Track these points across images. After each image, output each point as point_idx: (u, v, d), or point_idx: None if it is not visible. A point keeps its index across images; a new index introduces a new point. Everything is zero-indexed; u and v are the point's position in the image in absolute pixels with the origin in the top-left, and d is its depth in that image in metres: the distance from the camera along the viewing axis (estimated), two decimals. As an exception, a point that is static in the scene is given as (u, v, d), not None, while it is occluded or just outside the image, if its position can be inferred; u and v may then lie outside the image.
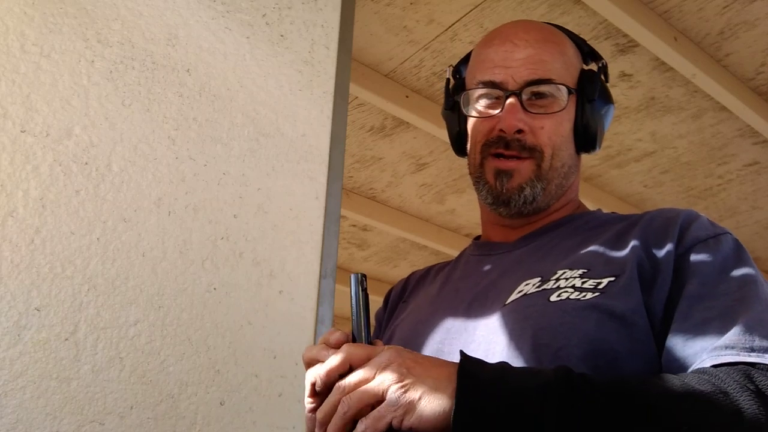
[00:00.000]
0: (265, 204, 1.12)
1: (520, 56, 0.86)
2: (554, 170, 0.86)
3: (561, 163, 0.87)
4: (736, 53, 2.15)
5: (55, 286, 0.88)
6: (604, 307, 0.72)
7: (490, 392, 0.59)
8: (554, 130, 0.85)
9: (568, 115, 0.87)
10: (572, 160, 0.89)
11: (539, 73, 0.85)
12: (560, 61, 0.87)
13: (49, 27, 0.97)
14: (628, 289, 0.73)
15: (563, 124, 0.86)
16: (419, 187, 2.87)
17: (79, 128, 0.96)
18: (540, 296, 0.77)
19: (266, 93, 1.18)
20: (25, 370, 0.83)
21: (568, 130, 0.87)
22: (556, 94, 0.85)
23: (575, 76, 0.88)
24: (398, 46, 2.12)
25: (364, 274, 0.70)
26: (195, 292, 1.00)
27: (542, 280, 0.79)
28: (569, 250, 0.83)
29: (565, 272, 0.79)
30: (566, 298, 0.75)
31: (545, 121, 0.85)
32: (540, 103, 0.85)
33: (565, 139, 0.87)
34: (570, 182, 0.90)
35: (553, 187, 0.87)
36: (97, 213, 0.94)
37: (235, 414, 1.00)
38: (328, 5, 1.32)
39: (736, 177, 2.77)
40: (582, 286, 0.76)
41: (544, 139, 0.85)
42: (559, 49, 0.88)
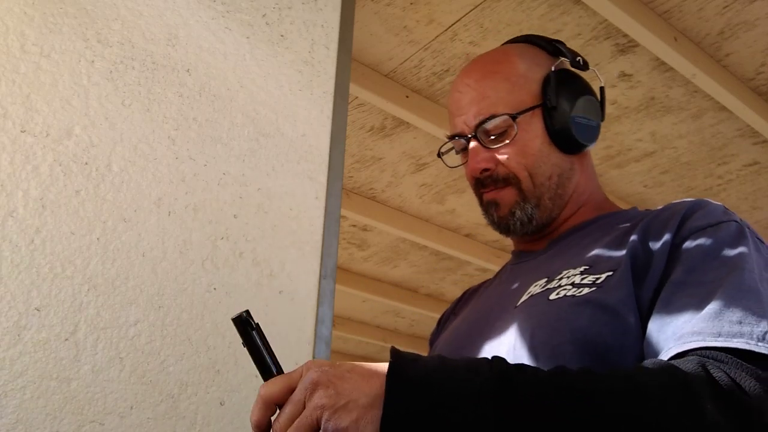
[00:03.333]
0: (265, 204, 1.12)
1: (466, 101, 0.92)
2: (540, 186, 0.90)
3: (545, 177, 0.90)
4: (736, 53, 2.15)
5: (55, 286, 0.88)
6: (598, 302, 0.73)
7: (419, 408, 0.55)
8: (520, 154, 0.89)
9: (533, 132, 0.90)
10: (561, 167, 0.91)
11: (483, 112, 0.90)
12: (505, 89, 0.90)
13: (49, 27, 0.97)
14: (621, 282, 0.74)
15: (529, 143, 0.89)
16: (419, 187, 2.87)
17: (79, 128, 0.96)
18: (542, 296, 0.79)
19: (266, 93, 1.18)
20: (25, 370, 0.83)
21: (538, 146, 0.90)
22: (504, 124, 0.89)
23: (534, 89, 0.91)
24: (398, 46, 2.12)
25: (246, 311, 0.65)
26: (195, 292, 1.00)
27: (547, 281, 0.82)
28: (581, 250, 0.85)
29: (568, 271, 0.81)
30: (563, 296, 0.76)
31: (506, 150, 0.89)
32: (497, 137, 0.90)
33: (536, 156, 0.89)
34: (570, 188, 0.92)
35: (547, 201, 0.90)
36: (97, 213, 0.94)
37: (235, 414, 1.00)
38: (328, 5, 1.32)
39: (736, 177, 2.77)
40: (581, 282, 0.77)
41: (513, 165, 0.89)
42: (503, 77, 0.91)
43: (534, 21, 2.00)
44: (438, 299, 3.91)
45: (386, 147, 2.60)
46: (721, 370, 0.59)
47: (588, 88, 0.95)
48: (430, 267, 3.56)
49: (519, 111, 0.89)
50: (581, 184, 0.94)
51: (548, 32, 2.04)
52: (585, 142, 0.91)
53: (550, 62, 0.94)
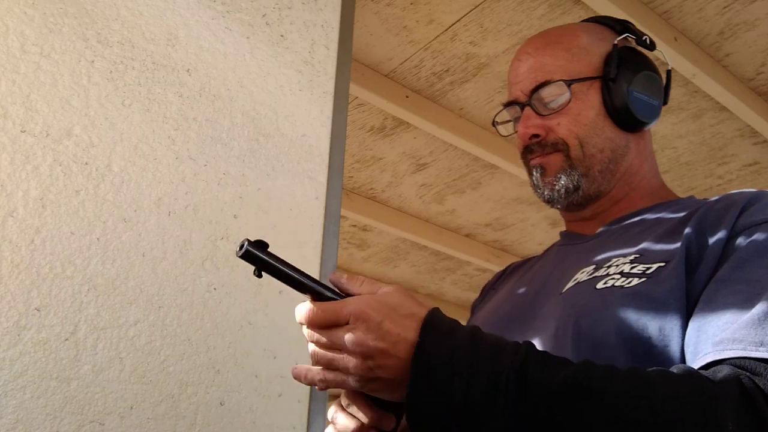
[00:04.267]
0: (265, 204, 1.12)
1: (524, 69, 0.91)
2: (590, 157, 0.87)
3: (596, 149, 0.87)
4: (736, 53, 2.15)
5: (55, 286, 0.88)
6: (646, 294, 0.70)
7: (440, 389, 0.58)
8: (573, 122, 0.87)
9: (588, 102, 0.88)
10: (616, 142, 0.89)
11: (539, 78, 0.89)
12: (564, 58, 0.89)
13: (49, 27, 0.97)
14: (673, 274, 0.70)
15: (582, 113, 0.87)
16: (419, 187, 2.87)
17: (79, 128, 0.96)
18: (588, 284, 0.77)
19: (266, 93, 1.18)
20: (25, 370, 0.83)
21: (593, 117, 0.88)
22: (559, 91, 0.88)
23: (595, 62, 0.90)
24: (398, 46, 2.12)
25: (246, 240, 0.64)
26: (195, 292, 1.00)
27: (595, 268, 0.79)
28: (632, 237, 0.82)
29: (618, 259, 0.78)
30: (611, 286, 0.74)
31: (560, 118, 0.88)
32: (551, 104, 0.88)
33: (590, 126, 0.87)
34: (623, 165, 0.89)
35: (596, 173, 0.88)
36: (97, 213, 0.94)
37: (235, 414, 1.00)
38: (328, 5, 1.32)
39: (736, 177, 2.77)
40: (630, 271, 0.74)
41: (564, 132, 0.88)
42: (564, 47, 0.90)
43: (534, 21, 2.00)
44: (438, 299, 3.91)
45: (386, 147, 2.60)
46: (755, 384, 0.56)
47: (651, 66, 0.92)
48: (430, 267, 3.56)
49: (575, 79, 0.88)
50: (635, 164, 0.91)
51: (548, 32, 2.04)
52: (643, 119, 0.89)
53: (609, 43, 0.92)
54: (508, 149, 2.50)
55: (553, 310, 0.78)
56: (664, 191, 0.92)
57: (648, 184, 0.92)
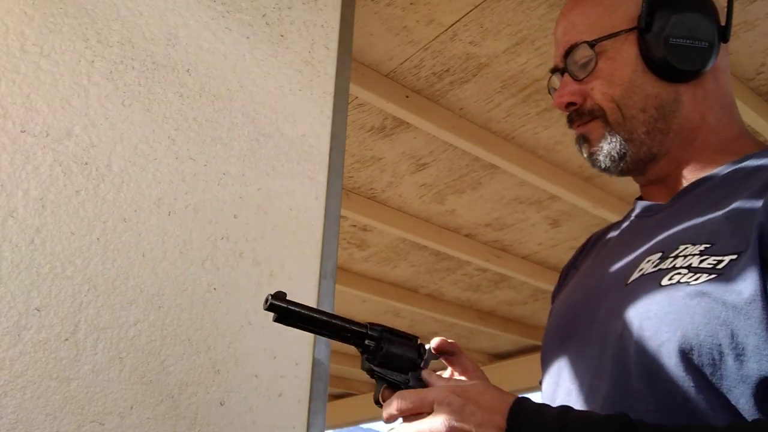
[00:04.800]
0: (265, 204, 1.12)
1: (560, 33, 0.88)
2: (631, 119, 0.82)
3: (637, 109, 0.81)
4: (736, 53, 2.15)
5: (55, 286, 0.88)
6: (716, 295, 0.63)
7: None
8: (607, 84, 0.83)
9: (621, 60, 0.82)
10: (660, 99, 0.81)
11: (570, 41, 0.85)
12: (595, 14, 0.84)
13: (49, 27, 0.97)
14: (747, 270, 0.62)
15: (617, 72, 0.82)
16: (419, 187, 2.87)
17: (79, 128, 0.96)
18: (653, 278, 0.71)
19: (266, 93, 1.18)
20: (25, 370, 0.83)
21: (629, 75, 0.82)
22: (587, 53, 0.83)
23: (631, 12, 0.83)
24: (398, 46, 2.12)
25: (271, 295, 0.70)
26: (195, 292, 1.00)
27: (662, 257, 0.73)
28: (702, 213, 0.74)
29: (687, 248, 0.70)
30: (677, 282, 0.67)
31: (593, 82, 0.84)
32: (585, 67, 0.84)
33: (628, 84, 0.82)
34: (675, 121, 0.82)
35: (641, 135, 0.82)
36: (97, 213, 0.94)
37: (235, 414, 1.00)
38: (328, 5, 1.32)
39: (736, 177, 2.76)
40: (699, 265, 0.67)
41: (598, 97, 0.83)
42: (596, 2, 0.85)
43: (534, 21, 2.00)
44: (438, 299, 3.91)
45: (386, 147, 2.60)
46: None
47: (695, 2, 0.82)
48: (430, 267, 3.56)
49: (601, 37, 0.82)
50: (693, 118, 0.82)
51: (548, 32, 2.04)
52: (686, 67, 0.80)
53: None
54: (508, 149, 2.50)
55: (618, 305, 0.73)
56: (740, 143, 0.82)
57: (718, 138, 0.82)
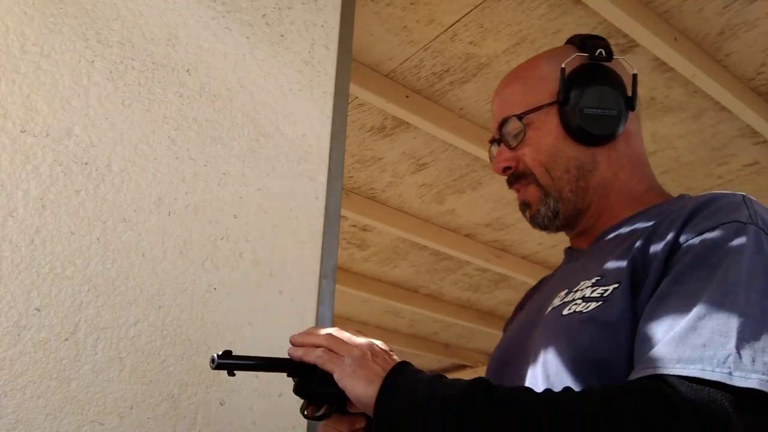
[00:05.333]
0: (265, 204, 1.12)
1: (495, 109, 1.00)
2: (558, 180, 0.92)
3: (562, 170, 0.92)
4: (736, 53, 2.15)
5: (55, 286, 0.88)
6: (599, 318, 0.74)
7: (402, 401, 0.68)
8: (535, 150, 0.93)
9: (545, 129, 0.93)
10: (579, 160, 0.92)
11: (501, 115, 0.97)
12: (522, 92, 0.96)
13: (49, 27, 0.97)
14: (623, 295, 0.74)
15: (542, 140, 0.93)
16: (419, 187, 2.87)
17: (79, 128, 0.96)
18: (557, 311, 0.82)
19: (266, 93, 1.18)
20: (25, 370, 0.83)
21: (551, 142, 0.92)
22: (517, 125, 0.94)
23: (552, 88, 0.94)
24: (398, 46, 2.12)
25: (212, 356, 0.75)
26: (195, 292, 1.00)
27: (567, 293, 0.84)
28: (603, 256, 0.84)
29: (584, 282, 0.82)
30: (572, 312, 0.78)
31: (524, 149, 0.94)
32: (517, 137, 0.95)
33: (551, 151, 0.92)
34: (593, 180, 0.92)
35: (568, 194, 0.92)
36: (97, 213, 0.94)
37: (235, 414, 1.00)
38: (328, 5, 1.32)
39: (736, 177, 2.76)
40: (590, 295, 0.78)
41: (529, 162, 0.94)
42: (523, 81, 0.97)
43: (534, 21, 2.00)
44: (438, 299, 3.91)
45: (386, 147, 2.60)
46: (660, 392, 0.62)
47: (604, 77, 0.94)
48: (430, 267, 3.56)
49: (527, 111, 0.94)
50: (608, 176, 0.92)
51: (548, 32, 2.04)
52: (599, 132, 0.91)
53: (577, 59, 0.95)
54: (508, 149, 2.50)
55: (537, 336, 0.84)
56: (649, 196, 0.92)
57: (629, 192, 0.93)
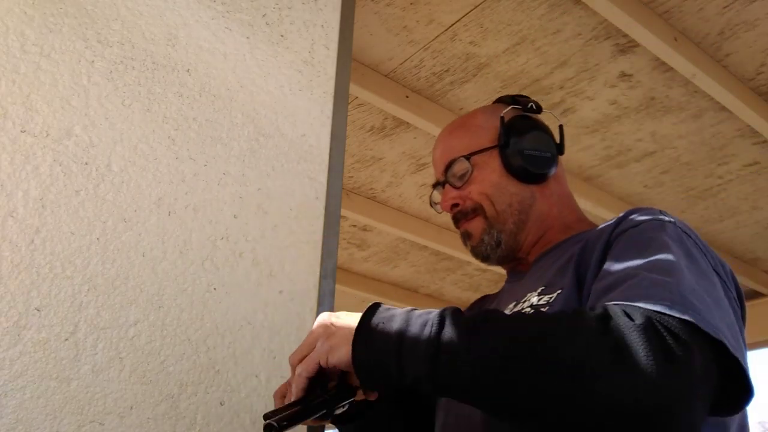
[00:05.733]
0: (265, 204, 1.12)
1: (438, 155, 1.10)
2: (502, 213, 1.03)
3: (505, 204, 1.03)
4: (736, 53, 2.15)
5: (55, 286, 0.88)
6: None
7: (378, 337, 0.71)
8: (481, 187, 1.04)
9: (489, 168, 1.04)
10: (520, 196, 1.03)
11: (447, 158, 1.07)
12: (466, 137, 1.07)
13: (49, 27, 0.97)
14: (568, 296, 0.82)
15: (487, 177, 1.04)
16: (419, 187, 2.87)
17: (79, 128, 0.96)
18: None
19: (266, 93, 1.18)
20: (25, 370, 0.83)
21: (496, 179, 1.03)
22: (464, 166, 1.05)
23: (492, 135, 1.06)
24: (398, 46, 2.12)
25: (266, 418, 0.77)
26: (195, 292, 1.00)
27: (515, 304, 0.93)
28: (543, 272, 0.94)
29: (531, 294, 0.90)
30: None
31: (470, 187, 1.05)
32: (463, 178, 1.05)
33: (495, 187, 1.03)
34: (535, 212, 1.03)
35: (511, 225, 1.03)
36: (97, 213, 0.94)
37: (235, 414, 1.00)
38: (328, 5, 1.32)
39: (736, 177, 2.77)
40: (537, 303, 0.87)
41: (476, 196, 1.04)
42: (465, 129, 1.09)
43: (534, 21, 2.00)
44: (438, 299, 3.91)
45: (386, 147, 2.60)
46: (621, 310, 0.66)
47: (539, 125, 1.08)
48: (430, 267, 3.56)
49: (473, 152, 1.05)
50: (544, 210, 1.04)
51: (548, 32, 2.04)
52: (537, 171, 1.03)
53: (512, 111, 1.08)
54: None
55: None
56: (580, 224, 1.04)
57: (562, 222, 1.04)
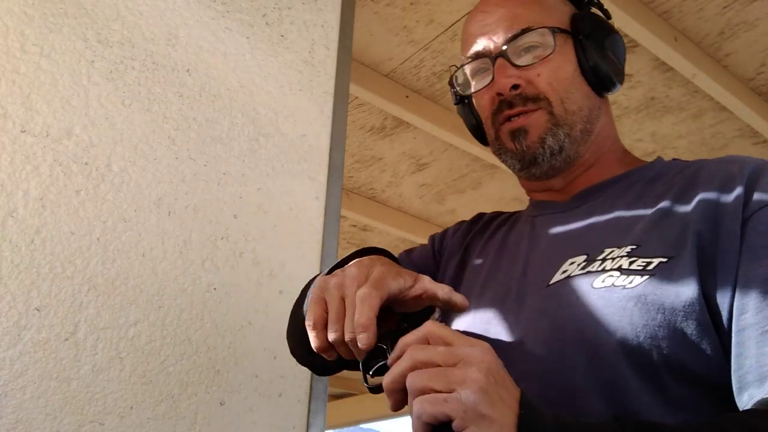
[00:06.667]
0: (265, 204, 1.12)
1: (494, 19, 0.84)
2: (572, 114, 0.81)
3: (577, 106, 0.81)
4: (736, 53, 2.15)
5: (55, 286, 0.88)
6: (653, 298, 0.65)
7: None
8: (553, 75, 0.81)
9: (566, 57, 0.82)
10: (591, 102, 0.83)
11: (515, 26, 0.82)
12: (537, 10, 0.83)
13: (49, 27, 0.97)
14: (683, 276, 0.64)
15: (562, 66, 0.81)
16: (419, 187, 2.87)
17: (79, 128, 0.96)
18: (584, 281, 0.71)
19: (266, 93, 1.18)
20: (25, 370, 0.83)
21: (571, 72, 0.82)
22: (541, 40, 0.81)
23: (564, 19, 0.84)
24: (398, 46, 2.12)
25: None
26: (195, 292, 1.00)
27: (587, 260, 0.73)
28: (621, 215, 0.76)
29: (613, 251, 0.71)
30: (611, 285, 0.68)
31: (539, 69, 0.81)
32: (530, 54, 0.81)
33: (569, 81, 0.81)
34: (598, 126, 0.84)
35: (578, 133, 0.81)
36: (97, 213, 0.94)
37: (235, 414, 1.00)
38: (328, 5, 1.32)
39: (736, 177, 2.76)
40: (629, 267, 0.68)
41: (545, 86, 0.80)
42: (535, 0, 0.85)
43: (534, 21, 2.01)
44: (438, 299, 3.90)
45: (386, 147, 2.60)
46: None
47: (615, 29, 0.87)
48: (430, 267, 3.56)
49: (559, 28, 0.82)
50: (606, 128, 0.85)
51: (548, 32, 2.04)
52: (616, 80, 0.84)
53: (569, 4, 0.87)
54: (508, 149, 2.50)
55: (543, 306, 0.72)
56: (630, 156, 0.88)
57: (617, 150, 0.87)
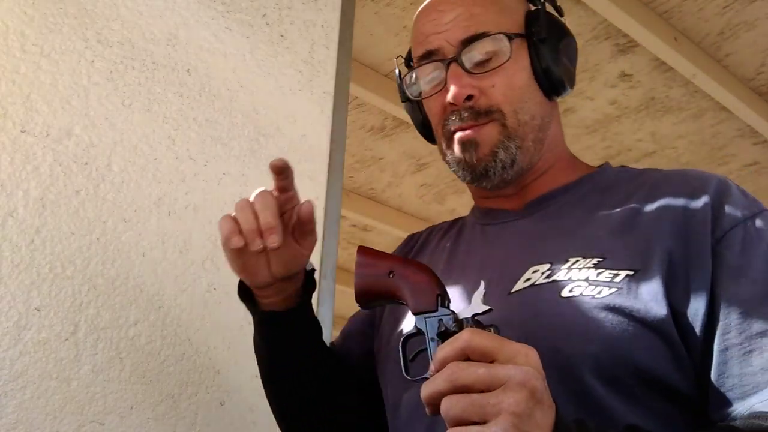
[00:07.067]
0: (265, 204, 1.12)
1: (450, 18, 0.78)
2: (524, 124, 0.77)
3: (529, 115, 0.77)
4: (736, 53, 2.15)
5: (55, 286, 0.88)
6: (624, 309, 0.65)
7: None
8: (508, 84, 0.76)
9: (520, 63, 0.77)
10: (543, 108, 0.79)
11: (472, 29, 0.76)
12: (494, 11, 0.78)
13: (49, 27, 0.97)
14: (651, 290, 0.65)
15: (517, 74, 0.77)
16: (419, 187, 2.87)
17: (79, 128, 0.96)
18: (550, 290, 0.69)
19: (266, 93, 1.18)
20: (25, 370, 0.83)
21: (526, 80, 0.78)
22: (497, 47, 0.76)
23: (519, 21, 0.79)
24: (398, 46, 2.12)
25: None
26: (195, 292, 1.00)
27: (551, 269, 0.71)
28: (581, 224, 0.74)
29: (578, 261, 0.70)
30: (579, 295, 0.67)
31: (494, 78, 0.76)
32: (482, 62, 0.76)
33: (524, 90, 0.77)
34: (549, 133, 0.81)
35: (530, 143, 0.78)
36: (97, 213, 0.94)
37: (235, 414, 1.00)
38: (328, 5, 1.32)
39: (736, 177, 2.76)
40: (597, 278, 0.67)
41: (499, 97, 0.76)
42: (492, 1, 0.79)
43: (534, 21, 2.01)
44: (438, 299, 3.90)
45: (386, 147, 2.60)
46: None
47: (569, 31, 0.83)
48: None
49: (515, 33, 0.77)
50: (557, 133, 0.83)
51: (548, 32, 2.04)
52: (567, 85, 0.80)
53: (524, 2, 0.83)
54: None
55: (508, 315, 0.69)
56: (578, 162, 0.85)
57: (567, 155, 0.84)
